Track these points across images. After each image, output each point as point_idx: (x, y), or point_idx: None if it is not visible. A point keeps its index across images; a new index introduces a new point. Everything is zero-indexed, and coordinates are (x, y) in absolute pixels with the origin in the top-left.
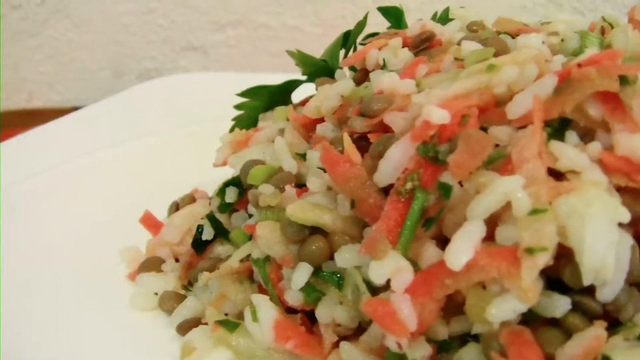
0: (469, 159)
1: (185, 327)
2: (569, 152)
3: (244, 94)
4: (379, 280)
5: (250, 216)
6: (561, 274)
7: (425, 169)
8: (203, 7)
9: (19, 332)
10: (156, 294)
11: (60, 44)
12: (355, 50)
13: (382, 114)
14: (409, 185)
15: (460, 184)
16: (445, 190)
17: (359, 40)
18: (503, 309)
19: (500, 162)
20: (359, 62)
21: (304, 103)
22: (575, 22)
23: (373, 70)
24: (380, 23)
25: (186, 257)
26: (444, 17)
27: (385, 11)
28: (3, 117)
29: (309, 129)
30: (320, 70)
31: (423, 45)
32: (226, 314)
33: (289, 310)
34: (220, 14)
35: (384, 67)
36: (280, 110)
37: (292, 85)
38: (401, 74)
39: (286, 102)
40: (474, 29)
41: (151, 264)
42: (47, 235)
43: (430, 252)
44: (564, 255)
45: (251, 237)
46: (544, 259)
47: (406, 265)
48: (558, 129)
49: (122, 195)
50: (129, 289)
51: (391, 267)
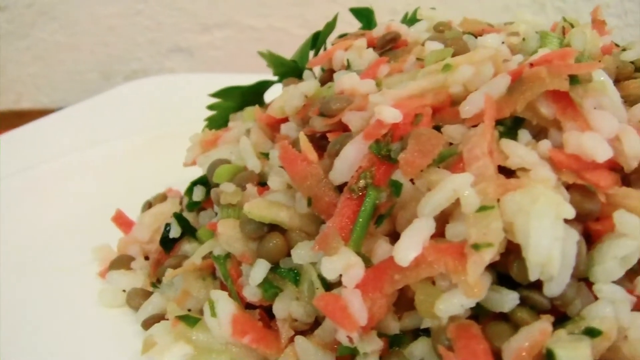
0: (419, 157)
1: (150, 323)
2: (518, 150)
3: (216, 94)
4: (330, 275)
5: (217, 214)
6: (509, 269)
7: (378, 167)
8: (189, 8)
9: None
10: (124, 291)
11: (48, 45)
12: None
13: (340, 114)
14: (361, 183)
15: (413, 181)
16: (396, 188)
17: (331, 40)
18: (451, 304)
19: (452, 160)
20: (326, 63)
21: None
22: (537, 22)
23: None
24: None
25: (155, 254)
26: (413, 18)
27: (357, 12)
28: None
29: (274, 128)
30: (291, 70)
31: (388, 45)
32: (189, 309)
33: (248, 306)
34: (206, 15)
35: (348, 67)
36: (249, 110)
37: (264, 86)
38: (363, 74)
39: (258, 102)
40: (440, 30)
41: (121, 262)
42: (24, 233)
43: (382, 249)
44: (513, 251)
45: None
46: (489, 255)
47: (357, 261)
48: (511, 127)
49: (101, 194)
50: (100, 286)
51: (342, 263)
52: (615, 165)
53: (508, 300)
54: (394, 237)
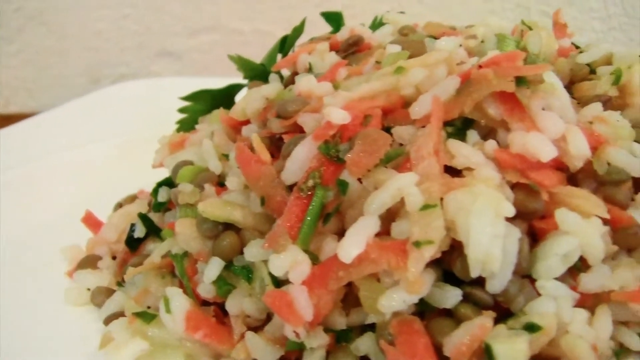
0: (365, 157)
1: (111, 320)
2: (464, 150)
3: (187, 97)
4: (278, 272)
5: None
6: (452, 266)
7: (326, 167)
8: (177, 13)
9: None
10: (89, 289)
11: (37, 50)
12: None
13: (295, 116)
14: (310, 183)
15: (361, 181)
16: (342, 187)
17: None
18: (393, 300)
19: (400, 161)
20: (291, 66)
21: None
22: (502, 25)
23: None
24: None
25: (121, 254)
26: (380, 23)
27: (327, 16)
28: None
29: (237, 130)
30: (260, 74)
31: (351, 49)
32: (149, 307)
33: (205, 303)
34: (193, 19)
35: (310, 70)
36: (215, 113)
37: (234, 89)
38: (322, 77)
39: (229, 105)
40: (404, 33)
41: (88, 262)
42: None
43: (329, 246)
44: (457, 248)
45: None
46: (430, 252)
47: (304, 259)
48: (461, 128)
49: (78, 196)
50: (69, 285)
51: (289, 260)
52: (561, 165)
53: (451, 296)
54: (343, 235)
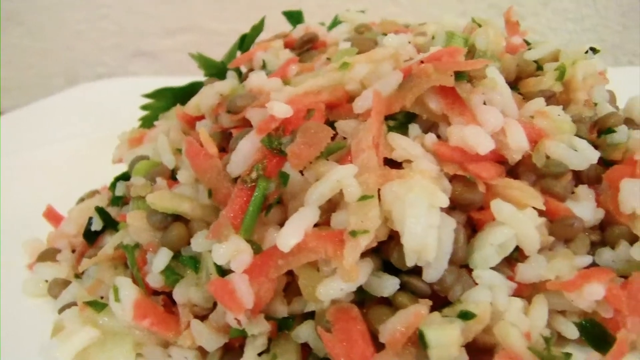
0: (305, 149)
1: (65, 310)
2: (403, 143)
3: (149, 95)
4: (220, 261)
5: None
6: (390, 256)
7: (269, 160)
8: (153, 13)
9: None
10: (47, 281)
11: (15, 50)
12: None
13: (244, 111)
14: (253, 175)
15: (303, 173)
16: (283, 179)
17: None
18: (331, 288)
19: (342, 153)
20: (248, 63)
21: None
22: (452, 23)
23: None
24: None
25: (80, 247)
26: (338, 21)
27: (289, 15)
28: None
29: (193, 126)
30: (220, 71)
31: (306, 46)
32: (102, 297)
33: (156, 293)
34: (170, 20)
35: (264, 67)
36: (174, 110)
37: (195, 87)
38: (274, 73)
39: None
40: (360, 31)
41: (47, 255)
42: None
43: (272, 236)
44: (395, 238)
45: None
46: (365, 241)
47: (246, 248)
48: (404, 122)
49: (45, 192)
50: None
51: (231, 250)
52: (501, 158)
53: (388, 285)
54: None
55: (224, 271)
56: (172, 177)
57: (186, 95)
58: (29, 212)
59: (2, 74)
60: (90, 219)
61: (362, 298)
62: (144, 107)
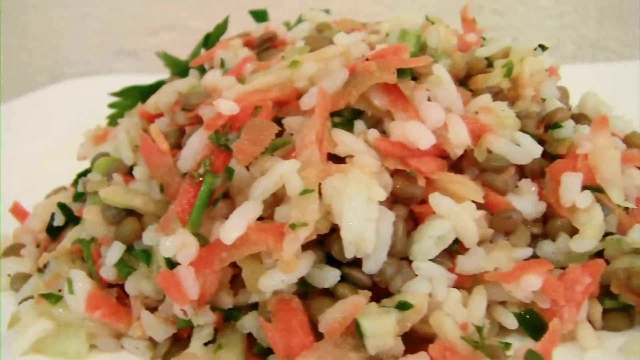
0: (250, 145)
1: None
2: (346, 139)
3: (117, 93)
4: (167, 254)
5: None
6: (331, 248)
7: (216, 156)
8: (136, 11)
9: None
10: (9, 275)
11: None
12: None
13: (197, 108)
14: (201, 170)
15: (248, 168)
16: (229, 174)
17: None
18: (272, 280)
19: (287, 149)
20: (209, 62)
21: None
22: (410, 21)
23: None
24: None
25: (43, 242)
26: (301, 20)
27: (254, 14)
28: None
29: (153, 123)
30: (184, 70)
31: (265, 45)
32: (60, 290)
33: (111, 286)
34: (153, 18)
35: (222, 66)
36: (136, 107)
37: (161, 85)
38: (230, 71)
39: None
40: (320, 30)
41: (12, 250)
42: None
43: (219, 230)
44: (336, 231)
45: None
46: (304, 233)
47: (192, 241)
48: (350, 118)
49: (16, 188)
50: None
51: (178, 243)
52: (443, 153)
53: (329, 276)
54: None
55: (173, 264)
56: (131, 173)
57: (152, 93)
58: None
59: None
60: (53, 214)
61: (306, 290)
62: (111, 105)
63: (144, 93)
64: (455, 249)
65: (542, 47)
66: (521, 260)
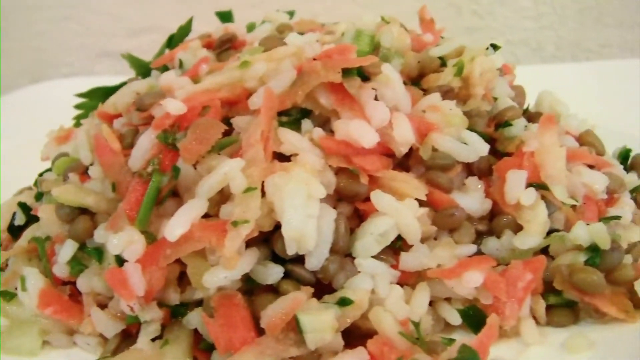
0: (196, 144)
1: None
2: (291, 138)
3: (83, 94)
4: (114, 251)
5: None
6: (274, 245)
7: (165, 155)
8: (117, 13)
9: None
10: None
11: None
12: None
13: (150, 108)
14: (149, 169)
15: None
16: (175, 172)
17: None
18: (215, 276)
19: (235, 147)
20: (170, 63)
21: None
22: (370, 21)
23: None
24: None
25: (6, 241)
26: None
27: (220, 15)
28: None
29: (112, 123)
30: (149, 71)
31: (224, 46)
32: (16, 287)
33: (65, 283)
34: (134, 20)
35: (180, 66)
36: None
37: None
38: (187, 72)
39: None
40: (281, 31)
41: None
42: None
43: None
44: (280, 228)
45: None
46: (246, 230)
47: (139, 238)
48: (298, 117)
49: None
50: None
51: (125, 240)
52: (389, 151)
53: (273, 273)
54: None
55: (122, 261)
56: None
57: None
58: None
59: None
60: (14, 214)
61: (252, 286)
62: (77, 106)
63: (109, 94)
64: (399, 246)
65: (494, 47)
66: (465, 257)
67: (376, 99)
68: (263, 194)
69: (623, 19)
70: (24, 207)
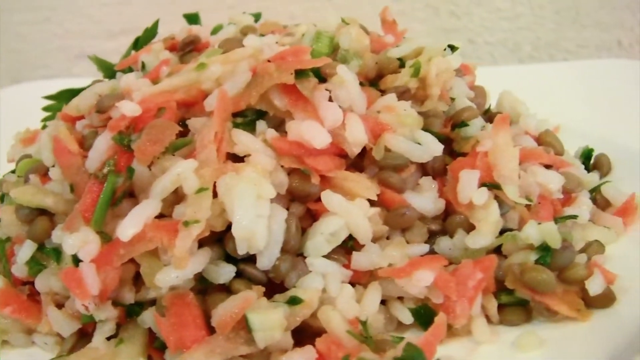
0: (150, 145)
1: None
2: (244, 139)
3: (51, 97)
4: (70, 251)
5: None
6: (226, 245)
7: (120, 156)
8: (96, 15)
9: None
10: None
11: None
12: None
13: (110, 110)
14: (105, 170)
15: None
16: (130, 173)
17: None
18: (167, 275)
19: (190, 149)
20: (134, 65)
21: None
22: (333, 23)
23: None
24: None
25: None
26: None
27: (188, 17)
28: None
29: (75, 125)
30: (114, 73)
31: (187, 48)
32: None
33: (25, 283)
34: (113, 22)
35: (143, 68)
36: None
37: None
38: (148, 74)
39: None
40: (244, 32)
41: None
42: None
43: None
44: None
45: None
46: (197, 230)
47: (94, 239)
48: (253, 119)
49: None
50: None
51: (80, 240)
52: (342, 152)
53: (225, 272)
54: None
55: (79, 261)
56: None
57: None
58: None
59: None
60: None
61: (205, 286)
62: (45, 108)
63: (75, 96)
64: (350, 246)
65: (452, 48)
66: (416, 257)
67: (331, 100)
68: (215, 194)
69: (600, 19)
70: None
